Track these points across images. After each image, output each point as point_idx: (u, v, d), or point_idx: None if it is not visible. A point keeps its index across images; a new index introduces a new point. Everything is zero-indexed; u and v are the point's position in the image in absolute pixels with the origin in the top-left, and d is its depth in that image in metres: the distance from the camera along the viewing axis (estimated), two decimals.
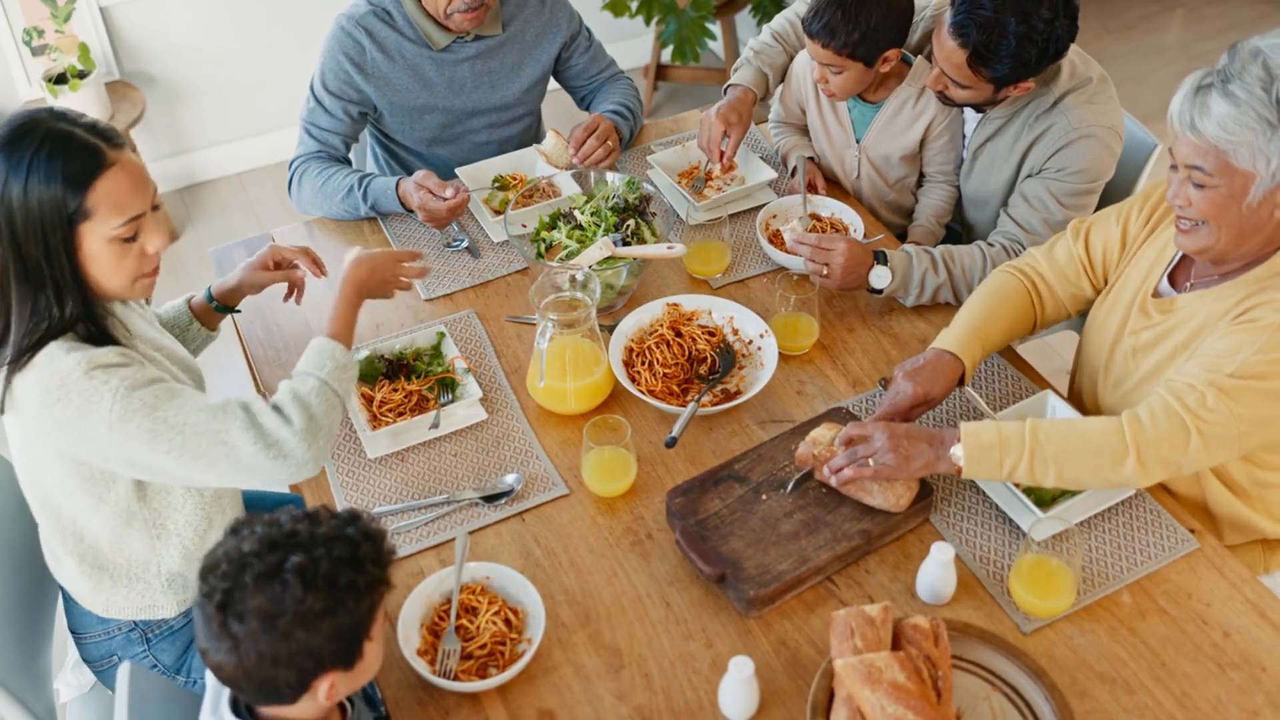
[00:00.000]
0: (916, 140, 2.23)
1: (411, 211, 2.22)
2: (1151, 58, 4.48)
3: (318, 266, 1.92)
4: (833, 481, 1.66)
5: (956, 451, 1.62)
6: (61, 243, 1.46)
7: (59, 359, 1.49)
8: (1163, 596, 1.62)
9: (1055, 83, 2.02)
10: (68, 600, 1.82)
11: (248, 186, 4.03)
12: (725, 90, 2.33)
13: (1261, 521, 1.77)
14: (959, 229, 2.38)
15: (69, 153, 1.44)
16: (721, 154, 2.25)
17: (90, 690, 1.90)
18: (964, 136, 2.22)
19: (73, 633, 1.84)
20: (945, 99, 2.06)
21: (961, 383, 1.79)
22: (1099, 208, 2.35)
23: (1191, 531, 1.69)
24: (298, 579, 1.19)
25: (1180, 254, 1.76)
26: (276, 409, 1.56)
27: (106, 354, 1.51)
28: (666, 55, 4.19)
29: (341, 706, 1.37)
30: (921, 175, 2.30)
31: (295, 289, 1.94)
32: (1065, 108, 2.01)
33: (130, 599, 1.73)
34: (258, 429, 1.53)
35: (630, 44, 4.38)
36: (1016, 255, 2.05)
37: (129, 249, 1.51)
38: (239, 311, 1.95)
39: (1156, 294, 1.76)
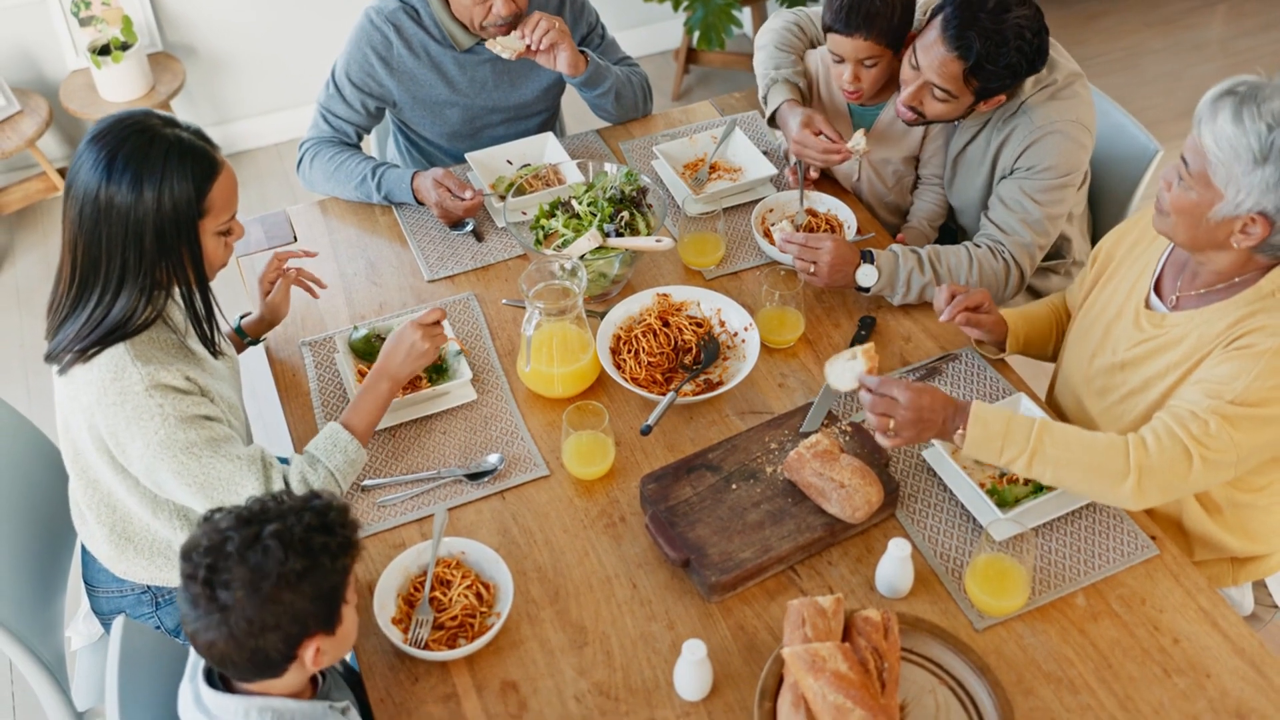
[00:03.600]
0: (917, 141, 2.26)
1: (424, 204, 2.29)
2: (1188, 54, 4.41)
3: (303, 253, 2.05)
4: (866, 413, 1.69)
5: (961, 433, 1.65)
6: (194, 237, 1.61)
7: (126, 367, 1.60)
8: (1117, 601, 1.65)
9: (1020, 88, 2.05)
10: (85, 553, 1.94)
11: (285, 157, 4.14)
12: (772, 115, 2.26)
13: (1229, 540, 1.80)
14: (955, 230, 2.40)
15: (194, 156, 1.58)
16: (830, 144, 2.16)
17: (100, 640, 2.01)
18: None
19: (86, 584, 1.95)
20: (917, 115, 2.08)
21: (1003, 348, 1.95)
22: (1093, 205, 2.38)
23: (1153, 539, 1.72)
24: (277, 543, 1.27)
25: (1162, 266, 1.79)
26: (286, 484, 1.70)
27: (172, 375, 1.63)
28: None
29: (314, 679, 1.46)
30: (918, 178, 2.33)
31: (308, 287, 2.06)
32: (1028, 107, 2.05)
33: (149, 569, 1.83)
34: (268, 492, 1.64)
35: (661, 27, 4.41)
36: (1001, 256, 2.08)
37: (221, 242, 1.66)
38: (263, 341, 2.07)
39: (1148, 306, 1.79)
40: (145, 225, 1.56)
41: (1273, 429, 1.60)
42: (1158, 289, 1.78)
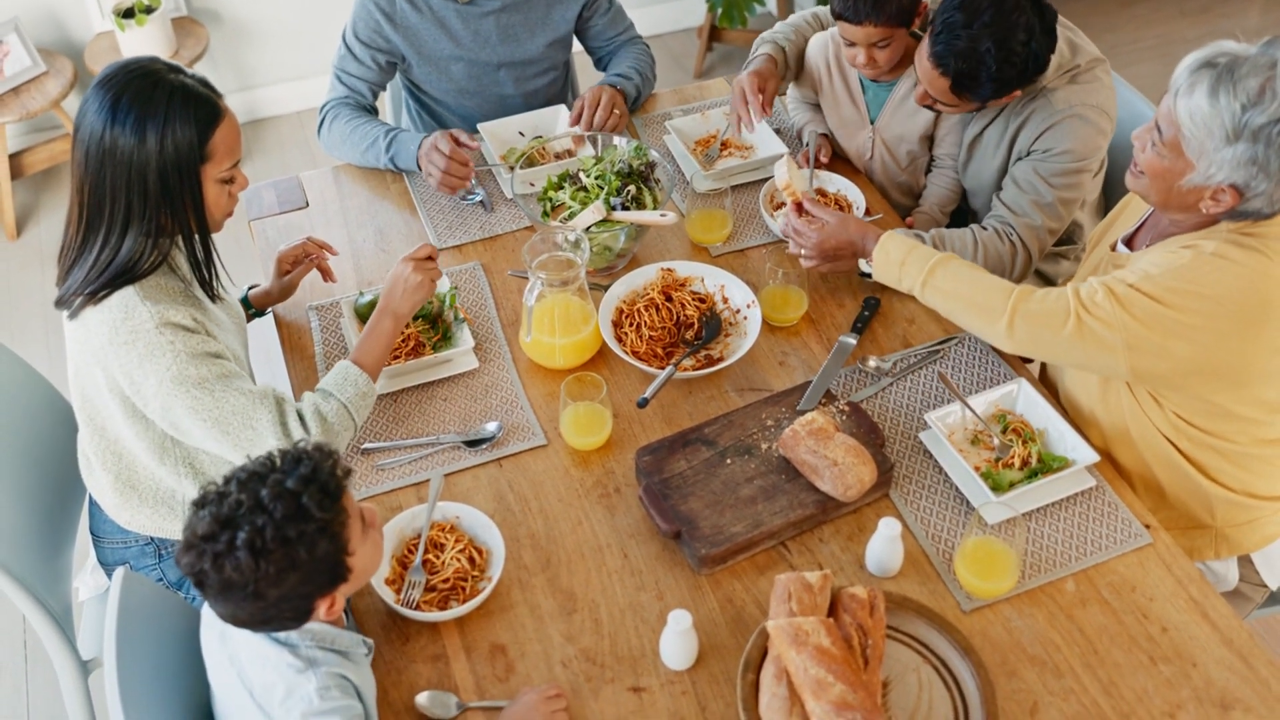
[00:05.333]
0: (931, 118, 2.25)
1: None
2: None
3: (325, 249, 2.08)
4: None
5: (872, 250, 1.87)
6: (196, 183, 1.64)
7: (135, 307, 1.64)
8: (1106, 588, 1.65)
9: (1042, 76, 2.03)
10: (92, 504, 1.98)
11: (306, 124, 4.16)
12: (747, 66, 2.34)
13: (1196, 476, 1.79)
14: (968, 214, 2.39)
15: (197, 102, 1.61)
16: (748, 113, 2.25)
17: (106, 591, 2.05)
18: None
19: (93, 535, 1.99)
20: (932, 109, 2.10)
21: None
22: (1109, 193, 2.36)
23: (1147, 527, 1.72)
24: (248, 553, 1.27)
25: (1141, 223, 1.82)
26: (301, 416, 1.72)
27: (180, 315, 1.66)
28: None
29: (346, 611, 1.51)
30: (931, 159, 2.32)
31: (324, 273, 2.09)
32: (1049, 90, 2.04)
33: (152, 519, 1.87)
34: (283, 426, 1.69)
35: (684, 4, 4.39)
36: (1008, 238, 2.07)
37: (223, 190, 1.69)
38: (266, 314, 2.11)
39: (1114, 249, 1.83)
40: (148, 168, 1.59)
41: (1171, 337, 1.61)
42: (1131, 241, 1.82)
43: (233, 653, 1.44)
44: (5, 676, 2.58)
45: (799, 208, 1.97)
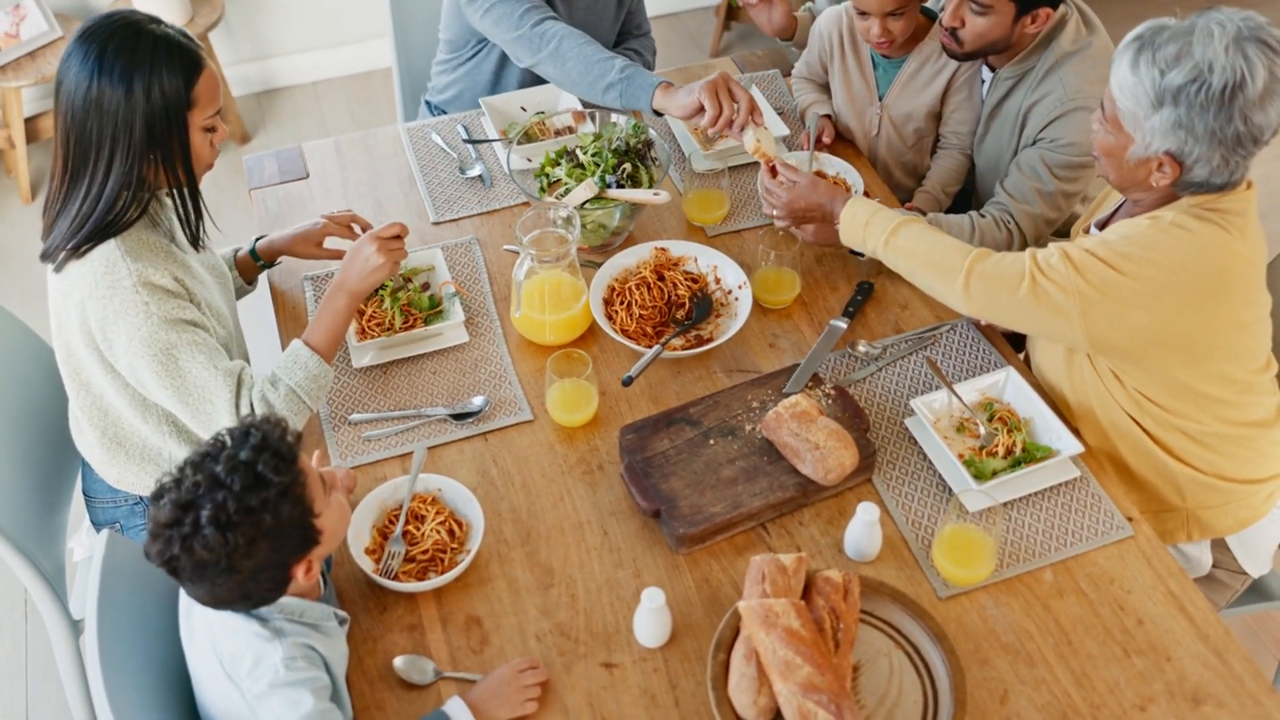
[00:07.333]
0: (938, 94, 2.23)
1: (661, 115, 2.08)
2: None
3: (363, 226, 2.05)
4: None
5: (840, 212, 1.88)
6: (184, 129, 1.66)
7: (117, 262, 1.66)
8: (1085, 579, 1.65)
9: (1058, 40, 2.02)
10: (84, 464, 2.00)
11: (321, 95, 4.17)
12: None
13: (1164, 458, 1.79)
14: (971, 191, 2.38)
15: (181, 51, 1.65)
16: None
17: None
18: (981, 100, 2.21)
19: (85, 495, 2.02)
20: (957, 42, 2.05)
21: None
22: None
23: (1129, 520, 1.71)
24: (214, 529, 1.27)
25: (1114, 211, 1.82)
26: (252, 400, 1.73)
27: (161, 275, 1.68)
28: None
29: (322, 580, 1.52)
30: (937, 139, 2.30)
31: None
32: (1064, 76, 2.02)
33: (140, 476, 1.89)
34: (236, 409, 1.71)
35: None
36: (1005, 226, 2.06)
37: (206, 139, 1.71)
38: (277, 264, 2.10)
39: (1086, 232, 1.85)
40: (135, 118, 1.61)
41: (1126, 305, 1.61)
42: (1105, 226, 1.81)
43: (209, 621, 1.46)
44: (5, 635, 2.63)
45: (772, 169, 1.98)
